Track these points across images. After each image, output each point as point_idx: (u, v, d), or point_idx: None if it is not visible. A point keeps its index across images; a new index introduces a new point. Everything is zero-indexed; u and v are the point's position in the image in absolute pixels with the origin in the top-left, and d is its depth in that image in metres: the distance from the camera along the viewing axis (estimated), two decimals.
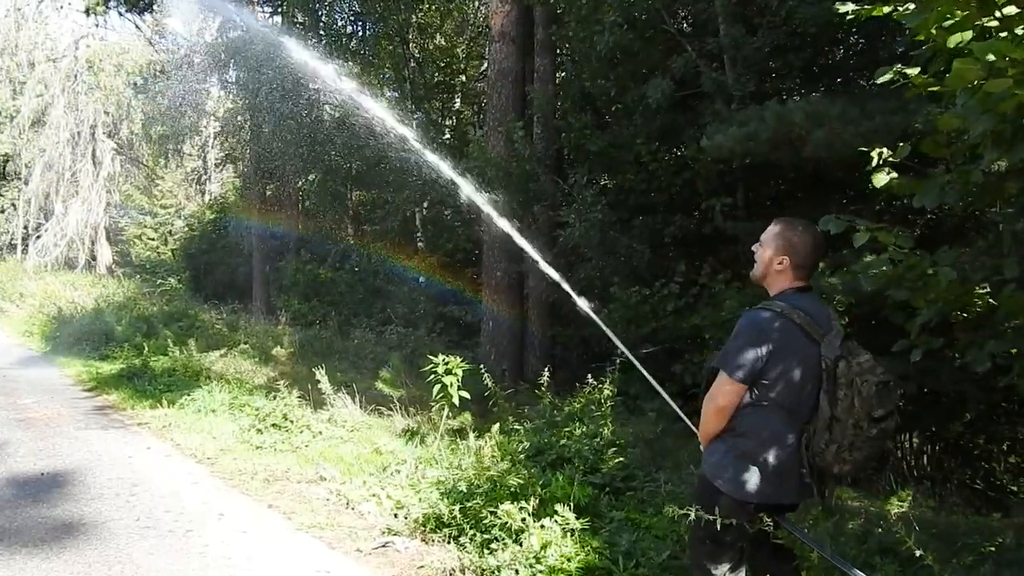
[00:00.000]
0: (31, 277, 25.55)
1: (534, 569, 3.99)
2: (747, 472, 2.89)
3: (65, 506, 5.69)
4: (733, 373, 2.87)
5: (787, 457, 2.87)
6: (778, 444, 2.87)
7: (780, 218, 3.15)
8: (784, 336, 2.85)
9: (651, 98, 8.52)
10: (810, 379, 2.86)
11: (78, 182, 28.01)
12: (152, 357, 11.98)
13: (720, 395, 2.92)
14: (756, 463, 2.88)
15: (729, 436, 2.97)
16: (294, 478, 6.52)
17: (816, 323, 2.89)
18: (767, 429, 2.89)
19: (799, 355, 2.86)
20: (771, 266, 3.04)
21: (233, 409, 8.74)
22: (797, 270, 3.00)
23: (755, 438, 2.90)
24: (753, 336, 2.87)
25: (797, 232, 3.02)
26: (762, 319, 2.91)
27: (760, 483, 2.88)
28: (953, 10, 2.95)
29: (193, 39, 20.91)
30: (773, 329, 2.86)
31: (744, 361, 2.85)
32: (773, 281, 3.06)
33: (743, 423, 2.92)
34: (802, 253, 2.99)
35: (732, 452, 2.94)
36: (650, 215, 9.14)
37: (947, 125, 3.11)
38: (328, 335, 15.12)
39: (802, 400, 2.87)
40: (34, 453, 7.22)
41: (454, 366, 7.38)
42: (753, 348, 2.85)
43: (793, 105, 6.51)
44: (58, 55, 27.27)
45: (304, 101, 19.14)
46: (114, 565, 4.57)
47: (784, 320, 2.87)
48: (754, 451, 2.89)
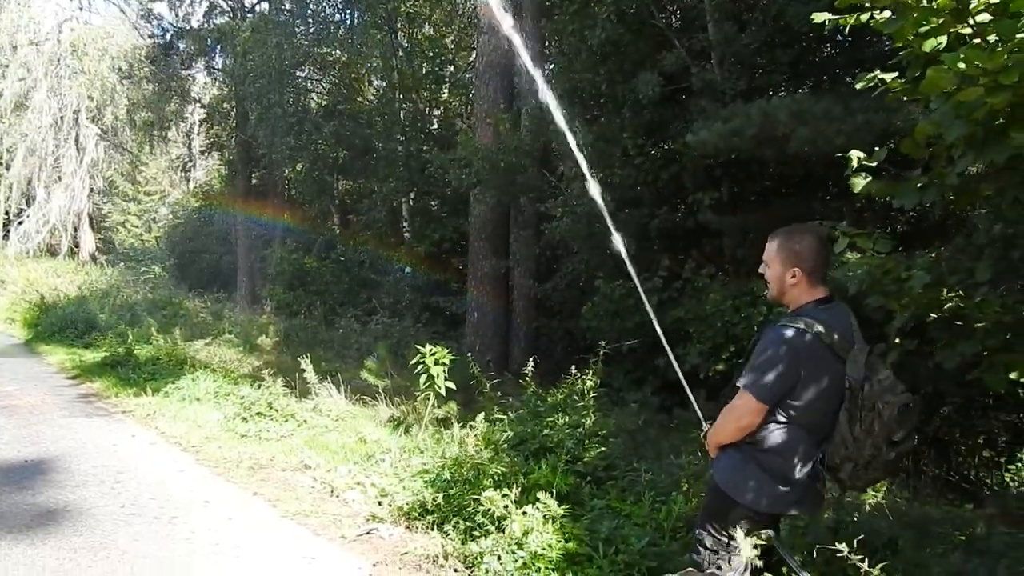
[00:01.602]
0: (12, 264, 25.37)
1: (516, 555, 4.06)
2: (769, 486, 2.87)
3: (50, 493, 5.72)
4: (759, 395, 2.82)
5: (808, 472, 2.86)
6: (801, 459, 2.85)
7: (776, 231, 3.07)
8: (812, 357, 2.80)
9: (640, 93, 8.57)
10: (832, 398, 2.82)
11: (61, 168, 27.82)
12: (136, 345, 11.99)
13: (744, 415, 2.87)
14: (778, 478, 2.86)
15: (749, 448, 2.93)
16: (279, 466, 6.58)
17: (843, 338, 2.83)
18: (791, 445, 2.86)
19: (826, 375, 2.81)
20: (784, 282, 2.96)
21: (218, 398, 8.78)
22: (811, 278, 2.92)
23: (779, 454, 2.87)
24: (784, 357, 2.80)
25: (798, 240, 2.96)
26: (790, 339, 2.82)
27: (781, 496, 2.87)
28: (928, 17, 3.02)
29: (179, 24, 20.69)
30: (802, 350, 2.80)
31: (771, 383, 2.80)
32: (792, 297, 2.98)
33: (767, 438, 2.88)
34: (810, 259, 2.91)
35: (753, 464, 2.90)
36: (636, 208, 9.21)
37: (923, 132, 3.18)
38: (313, 325, 15.14)
39: (822, 418, 2.85)
40: (17, 440, 7.24)
41: (441, 356, 7.45)
42: (781, 371, 2.79)
43: (778, 102, 6.57)
44: (41, 38, 27.00)
45: (291, 89, 19.09)
46: (99, 551, 4.61)
47: (812, 338, 2.79)
48: (778, 466, 2.86)
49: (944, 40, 3.08)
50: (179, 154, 30.03)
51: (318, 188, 20.35)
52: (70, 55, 26.86)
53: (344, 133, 18.95)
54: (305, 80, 20.41)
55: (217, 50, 20.60)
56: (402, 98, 19.14)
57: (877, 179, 3.72)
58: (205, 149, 25.69)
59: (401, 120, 18.65)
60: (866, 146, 3.80)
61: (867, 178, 3.67)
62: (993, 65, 2.57)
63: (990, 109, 2.75)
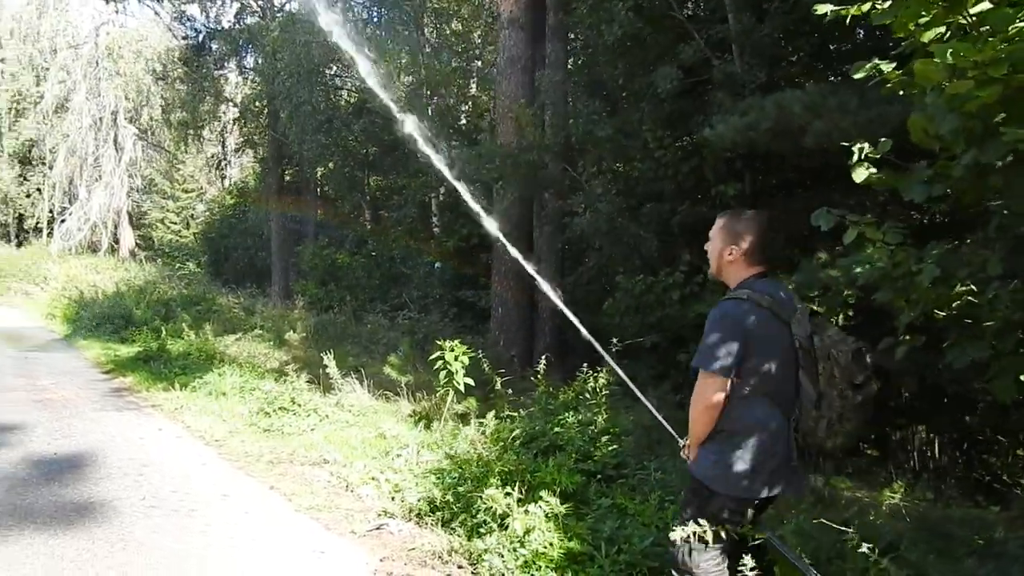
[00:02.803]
0: (55, 260, 25.98)
1: (518, 553, 4.08)
2: (740, 468, 2.89)
3: (76, 485, 5.86)
4: (712, 367, 2.85)
5: (775, 445, 2.88)
6: (765, 431, 2.88)
7: (723, 211, 3.22)
8: (755, 322, 2.87)
9: (659, 86, 8.53)
10: (785, 361, 2.89)
11: (101, 167, 28.41)
12: (169, 340, 12.20)
13: (705, 393, 2.90)
14: (747, 456, 2.88)
15: (722, 436, 2.95)
16: (298, 461, 6.66)
17: (782, 303, 2.93)
18: (751, 417, 2.89)
19: (773, 338, 2.88)
20: (722, 259, 3.09)
21: (243, 392, 8.90)
22: (749, 257, 3.03)
23: (742, 430, 2.90)
24: (726, 327, 2.87)
25: (741, 221, 3.09)
26: (730, 309, 2.92)
27: (754, 477, 2.88)
28: (926, 7, 2.97)
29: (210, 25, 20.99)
30: (743, 316, 2.87)
31: (721, 354, 2.84)
32: (729, 273, 3.09)
33: (728, 418, 2.91)
34: (749, 239, 3.03)
35: (728, 451, 2.92)
36: (657, 203, 9.16)
37: (916, 125, 3.13)
38: (343, 320, 15.28)
39: (782, 384, 2.89)
40: (49, 433, 7.42)
41: (460, 352, 7.49)
42: (727, 339, 2.85)
43: (792, 95, 6.49)
44: (79, 42, 27.58)
45: (320, 87, 19.27)
46: (117, 542, 4.72)
47: (752, 306, 2.88)
48: (743, 444, 2.89)
49: (943, 30, 3.03)
50: (214, 152, 30.48)
51: (349, 185, 20.56)
52: (107, 58, 27.38)
53: (373, 130, 19.12)
54: (334, 78, 20.57)
55: (248, 50, 20.85)
56: (430, 94, 19.24)
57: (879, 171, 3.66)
58: (239, 147, 26.08)
59: (430, 116, 18.75)
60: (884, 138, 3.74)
61: (869, 168, 3.62)
62: (983, 57, 2.52)
63: (983, 103, 2.70)
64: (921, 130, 3.33)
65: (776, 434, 2.89)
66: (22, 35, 30.66)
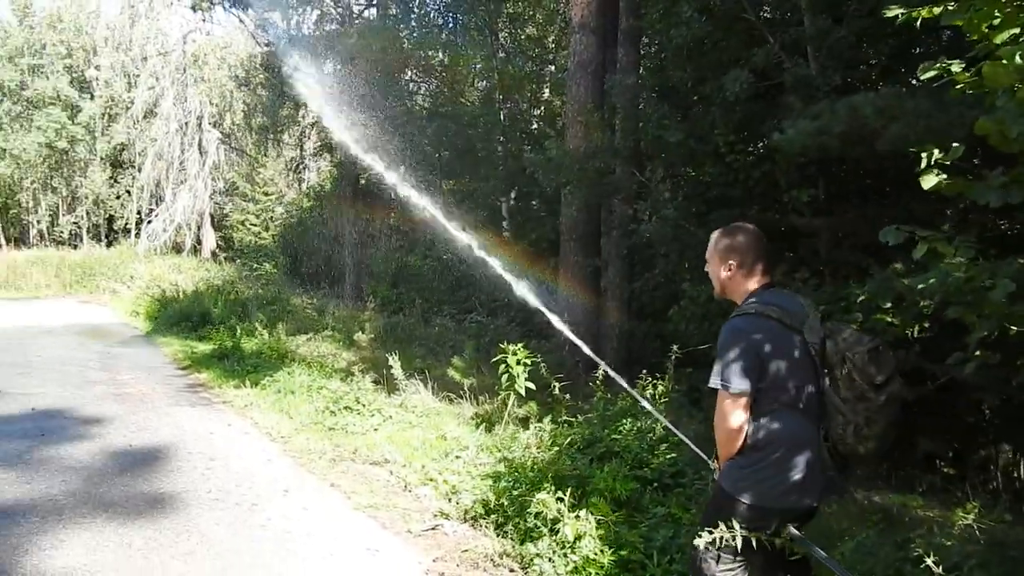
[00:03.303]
0: (141, 260, 26.97)
1: (568, 559, 4.06)
2: (768, 479, 2.84)
3: (147, 477, 6.08)
4: (734, 386, 2.82)
5: (804, 455, 2.82)
6: (793, 442, 2.83)
7: (716, 230, 3.22)
8: (765, 334, 2.84)
9: (729, 90, 8.38)
10: (803, 369, 2.85)
11: (186, 170, 29.38)
12: (243, 339, 12.52)
13: (728, 413, 2.85)
14: (775, 468, 2.83)
15: (749, 450, 2.89)
16: (360, 459, 6.77)
17: (792, 312, 2.89)
18: (778, 430, 2.84)
19: (785, 348, 2.84)
20: (723, 277, 3.10)
21: (311, 391, 9.07)
22: (748, 269, 3.04)
23: (769, 443, 2.85)
24: (738, 344, 2.84)
25: (731, 236, 3.10)
26: (740, 325, 2.90)
27: (782, 488, 2.83)
28: (999, 7, 2.85)
29: (291, 32, 21.53)
30: (753, 330, 2.85)
31: (737, 372, 2.81)
32: (733, 290, 3.10)
33: (755, 432, 2.87)
34: (744, 251, 3.04)
35: (756, 462, 2.87)
36: (727, 209, 8.99)
37: (983, 130, 3.00)
38: (411, 322, 15.44)
39: (803, 392, 2.85)
40: (126, 426, 7.71)
41: (523, 356, 7.49)
42: (741, 356, 2.82)
43: (865, 98, 6.29)
44: (168, 49, 28.63)
45: (395, 92, 19.57)
46: (181, 533, 4.88)
47: (761, 319, 2.86)
48: (771, 456, 2.84)
49: (1017, 31, 2.90)
50: (292, 156, 31.24)
51: (421, 187, 20.78)
52: (193, 64, 28.36)
53: (446, 134, 19.33)
54: (408, 83, 20.87)
55: (327, 56, 21.26)
56: (502, 98, 19.36)
57: (951, 177, 3.52)
58: (316, 151, 26.71)
59: (501, 120, 18.87)
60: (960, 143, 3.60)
61: (939, 175, 3.49)
62: None
63: None
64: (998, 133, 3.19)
65: (804, 444, 2.84)
66: (115, 43, 32.02)
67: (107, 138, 36.40)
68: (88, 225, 38.97)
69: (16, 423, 7.62)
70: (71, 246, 36.60)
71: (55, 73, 38.42)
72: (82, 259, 29.40)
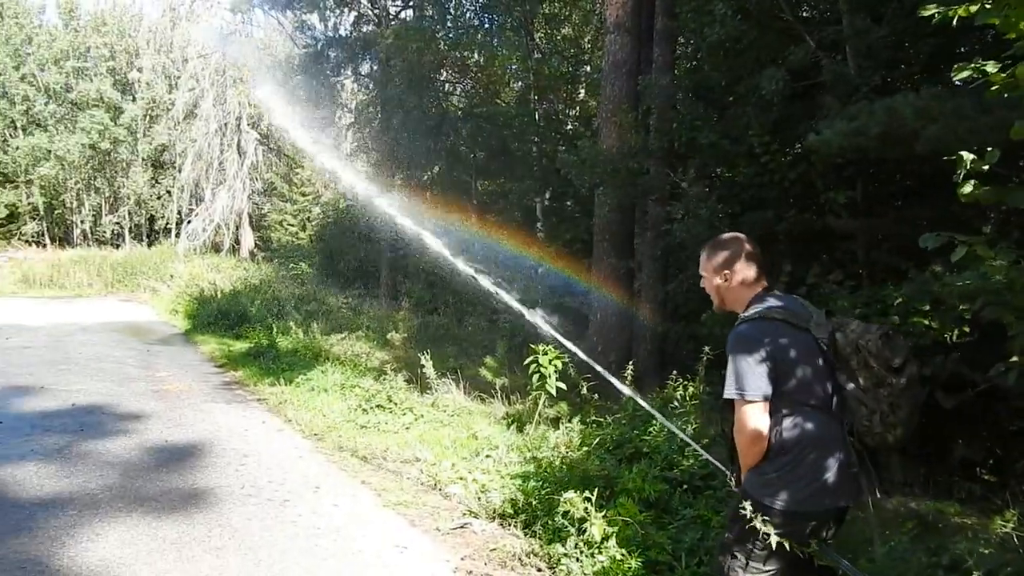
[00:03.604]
0: (181, 259, 27.38)
1: (596, 559, 4.05)
2: (799, 482, 2.77)
3: (182, 472, 6.17)
4: (750, 392, 2.76)
5: (833, 455, 2.77)
6: (818, 442, 2.78)
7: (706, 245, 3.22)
8: (773, 336, 2.80)
9: (765, 90, 8.30)
10: (817, 367, 2.82)
11: (225, 170, 29.79)
12: (279, 337, 12.67)
13: (747, 422, 2.79)
14: (806, 471, 2.76)
15: (770, 454, 2.83)
16: (391, 457, 6.81)
17: (796, 312, 2.88)
18: (801, 432, 2.78)
19: (796, 348, 2.81)
20: (720, 289, 3.09)
21: (344, 390, 9.15)
22: (743, 276, 3.02)
23: (793, 446, 2.78)
24: (748, 351, 2.79)
25: (720, 247, 3.10)
26: (746, 331, 2.86)
27: (814, 490, 2.76)
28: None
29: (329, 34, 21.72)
30: (761, 334, 2.81)
31: (752, 379, 2.76)
32: (732, 300, 3.08)
33: (778, 438, 2.80)
34: (735, 260, 3.02)
35: (778, 467, 2.80)
36: (761, 210, 8.90)
37: (1018, 135, 2.94)
38: (445, 321, 15.50)
39: (822, 390, 2.81)
40: (163, 423, 7.83)
41: (553, 357, 7.48)
42: (753, 363, 2.77)
43: (904, 99, 6.18)
44: (208, 51, 29.02)
45: (432, 93, 19.65)
46: (214, 528, 4.95)
47: (767, 323, 2.83)
48: (798, 459, 2.77)
49: None
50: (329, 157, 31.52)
51: (456, 188, 20.84)
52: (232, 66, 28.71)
53: (481, 135, 19.36)
54: (443, 83, 20.94)
55: (364, 57, 21.43)
56: (538, 99, 19.34)
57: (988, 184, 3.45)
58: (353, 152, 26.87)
59: (536, 121, 18.86)
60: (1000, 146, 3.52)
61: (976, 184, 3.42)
62: None
63: None
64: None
65: (831, 443, 2.79)
66: (157, 46, 32.55)
67: (148, 139, 37.04)
68: (130, 225, 39.69)
69: (56, 418, 7.79)
70: (113, 245, 37.33)
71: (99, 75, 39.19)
72: (123, 258, 29.94)
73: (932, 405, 6.22)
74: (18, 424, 7.48)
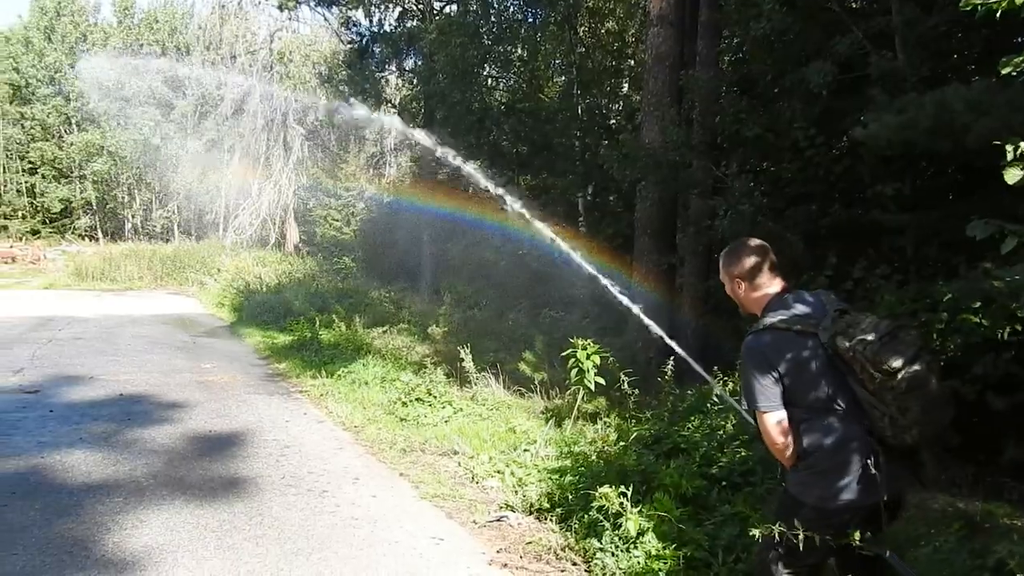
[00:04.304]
0: (228, 254, 27.84)
1: (631, 554, 4.02)
2: (824, 481, 2.85)
3: (224, 462, 6.27)
4: (762, 405, 2.90)
5: (855, 454, 2.80)
6: (839, 445, 2.83)
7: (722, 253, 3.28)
8: (781, 347, 2.88)
9: (811, 82, 8.15)
10: (827, 372, 2.84)
11: (271, 166, 30.16)
12: (321, 331, 12.81)
13: (769, 431, 2.92)
14: (830, 471, 2.84)
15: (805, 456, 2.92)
16: (429, 450, 6.84)
17: (805, 317, 2.90)
18: (821, 436, 2.86)
19: (803, 357, 2.86)
20: (739, 295, 3.17)
21: (384, 382, 9.22)
22: (755, 280, 3.08)
23: (818, 449, 2.86)
24: (755, 364, 2.91)
25: (736, 254, 3.16)
26: (753, 345, 2.94)
27: (840, 488, 2.82)
28: None
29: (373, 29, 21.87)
30: (767, 346, 2.89)
31: (763, 390, 2.88)
32: (751, 305, 3.14)
33: (810, 441, 2.88)
34: (747, 267, 3.09)
35: (806, 468, 2.92)
36: (806, 204, 8.76)
37: None
38: (485, 316, 15.52)
39: (835, 394, 2.84)
40: (207, 413, 7.97)
41: (592, 351, 7.44)
42: (761, 375, 2.88)
43: (954, 91, 6.02)
44: (256, 47, 29.41)
45: (475, 87, 19.66)
46: (254, 516, 5.02)
47: (771, 333, 2.90)
48: (821, 461, 2.86)
49: None
50: (373, 152, 31.69)
51: (498, 183, 20.84)
52: (278, 62, 29.07)
53: (524, 130, 19.32)
54: (486, 78, 20.95)
55: (408, 52, 21.53)
56: (580, 93, 19.25)
57: None
58: (396, 147, 27.05)
59: (579, 116, 18.78)
60: None
61: None
62: None
63: None
64: None
65: (852, 443, 2.82)
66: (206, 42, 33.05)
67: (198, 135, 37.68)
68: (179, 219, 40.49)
69: (104, 407, 7.98)
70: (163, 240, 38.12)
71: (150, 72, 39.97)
72: (172, 252, 30.59)
73: (983, 404, 6.08)
74: (68, 413, 7.68)
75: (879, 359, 2.69)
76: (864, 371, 2.73)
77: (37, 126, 41.77)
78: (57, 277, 28.52)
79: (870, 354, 2.70)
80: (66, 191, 41.99)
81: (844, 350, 2.77)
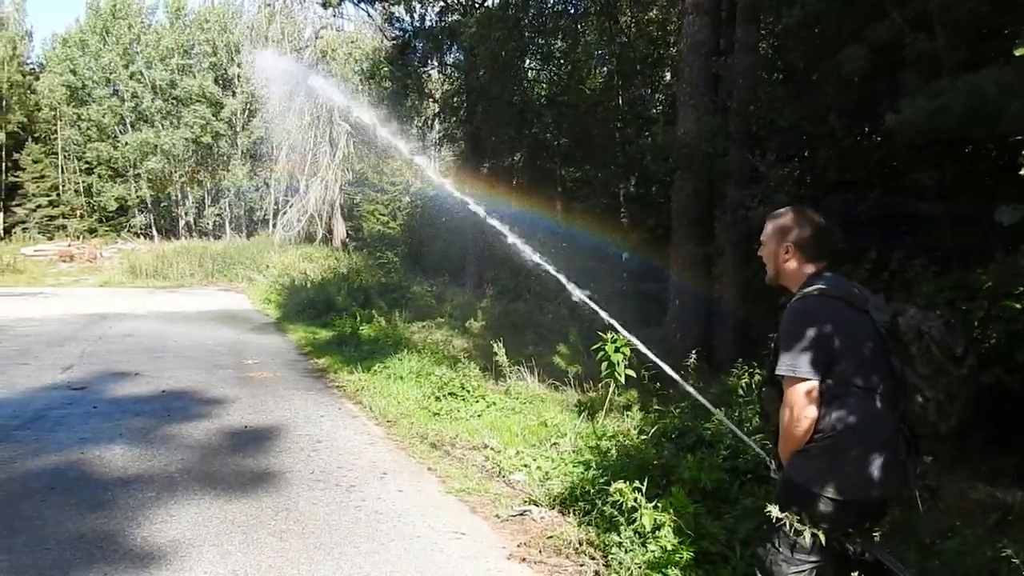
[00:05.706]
0: (276, 250, 28.30)
1: (647, 548, 4.00)
2: (848, 467, 2.65)
3: (256, 457, 6.40)
4: (800, 372, 2.65)
5: (884, 442, 2.66)
6: (872, 429, 2.66)
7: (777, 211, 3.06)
8: (834, 315, 2.69)
9: (846, 68, 7.98)
10: (875, 350, 2.69)
11: (318, 162, 30.52)
12: (362, 326, 12.96)
13: (797, 401, 2.67)
14: (857, 456, 2.64)
15: (818, 437, 2.70)
16: (459, 445, 6.89)
17: (853, 293, 2.77)
18: (852, 415, 2.66)
19: (855, 329, 2.70)
20: (779, 258, 2.95)
21: (419, 377, 9.30)
22: (806, 252, 2.89)
23: (844, 429, 2.65)
24: (804, 327, 2.69)
25: (790, 218, 2.95)
26: (803, 307, 2.76)
27: (864, 478, 2.64)
28: None
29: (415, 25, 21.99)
30: (820, 312, 2.70)
31: (806, 356, 2.65)
32: (790, 275, 2.94)
33: (827, 419, 2.67)
34: (805, 235, 2.89)
35: (827, 451, 2.67)
36: (843, 192, 8.59)
37: None
38: (526, 309, 15.53)
39: (877, 374, 2.68)
40: (244, 408, 8.14)
41: (621, 344, 7.41)
42: (808, 340, 2.65)
43: (987, 75, 5.83)
44: (301, 45, 29.78)
45: (515, 81, 19.65)
46: (280, 511, 5.12)
47: (826, 300, 2.72)
48: (850, 445, 2.65)
49: None
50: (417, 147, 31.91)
51: (541, 176, 20.83)
52: (323, 59, 29.39)
53: (564, 122, 19.27)
54: (527, 71, 20.92)
55: (449, 47, 21.60)
56: (621, 84, 19.12)
57: None
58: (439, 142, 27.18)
59: (620, 107, 18.65)
60: None
61: None
62: None
63: None
64: None
65: (884, 429, 2.67)
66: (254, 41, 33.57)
67: (247, 132, 38.37)
68: (230, 216, 41.27)
69: (146, 403, 8.21)
70: (215, 237, 38.87)
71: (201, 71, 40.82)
72: (223, 249, 31.22)
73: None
74: (111, 409, 7.92)
75: (947, 342, 2.60)
76: (924, 352, 2.61)
77: (93, 127, 42.91)
78: (112, 275, 29.34)
79: (938, 336, 2.60)
80: (121, 190, 43.05)
81: (907, 328, 2.65)
